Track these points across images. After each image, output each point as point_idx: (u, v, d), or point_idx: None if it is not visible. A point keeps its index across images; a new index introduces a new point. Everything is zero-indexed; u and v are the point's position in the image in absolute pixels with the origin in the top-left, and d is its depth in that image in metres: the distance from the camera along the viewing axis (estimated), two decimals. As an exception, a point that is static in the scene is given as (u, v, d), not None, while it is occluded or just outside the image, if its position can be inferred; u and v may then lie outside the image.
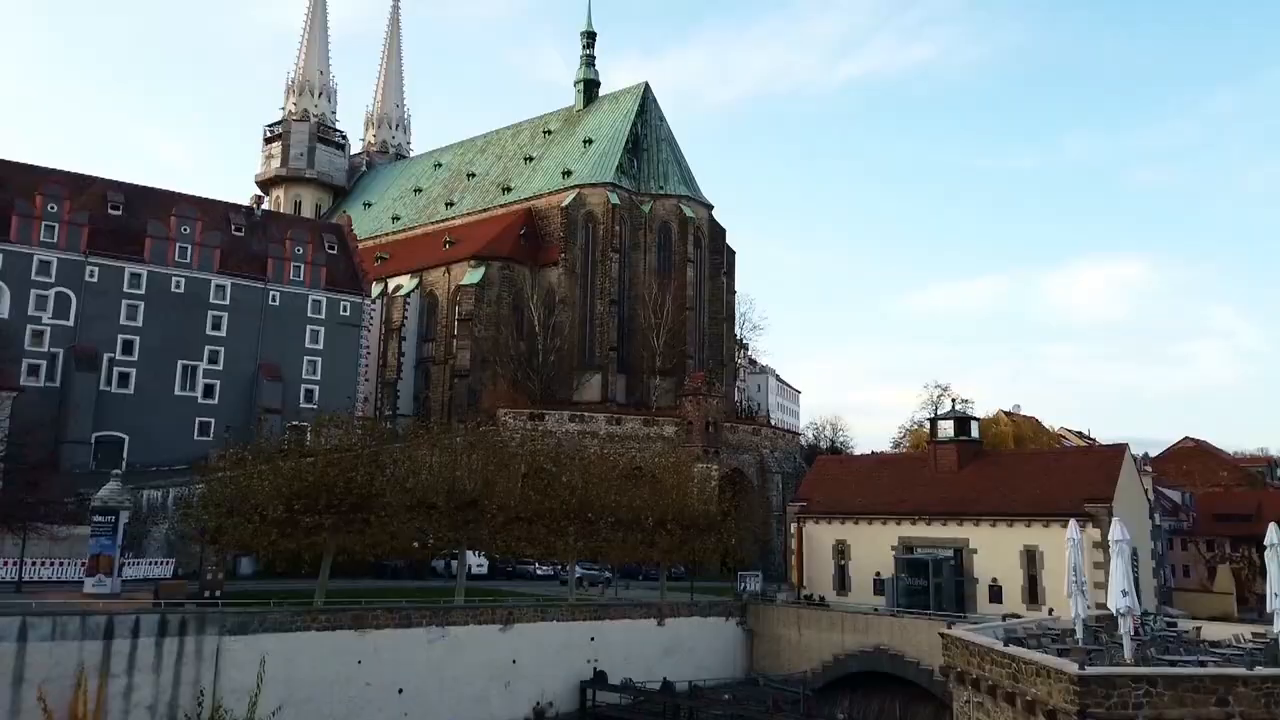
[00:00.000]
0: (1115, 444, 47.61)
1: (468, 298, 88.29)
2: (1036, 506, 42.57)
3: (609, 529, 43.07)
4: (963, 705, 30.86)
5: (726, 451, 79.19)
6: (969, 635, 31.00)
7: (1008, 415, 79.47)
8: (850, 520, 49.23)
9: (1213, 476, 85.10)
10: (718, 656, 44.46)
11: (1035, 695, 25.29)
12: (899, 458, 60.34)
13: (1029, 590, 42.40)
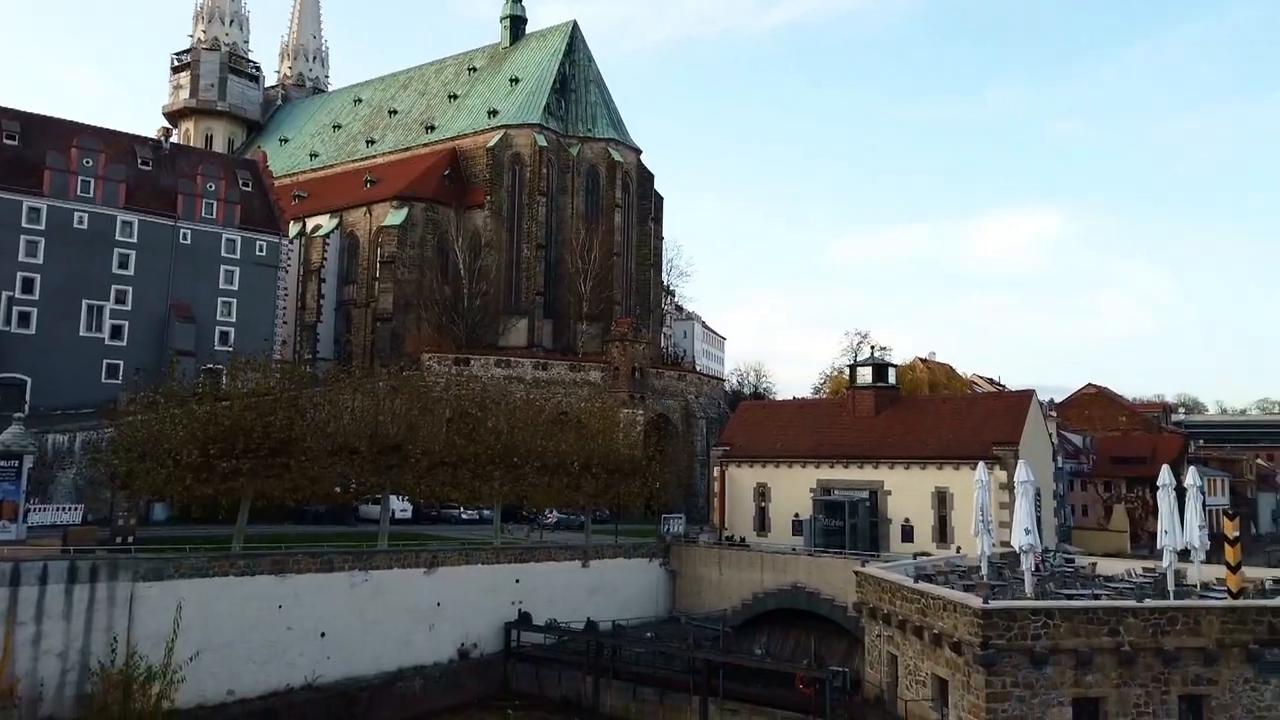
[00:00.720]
0: (1023, 390, 49.58)
1: (390, 239, 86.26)
2: (947, 450, 44.17)
3: (534, 473, 43.22)
4: (874, 639, 32.27)
5: (652, 397, 79.82)
6: (881, 573, 32.31)
7: (924, 362, 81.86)
8: (771, 464, 50.36)
9: (1112, 422, 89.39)
10: (641, 597, 45.35)
11: (942, 628, 26.56)
12: (819, 403, 61.71)
13: (939, 530, 44.16)
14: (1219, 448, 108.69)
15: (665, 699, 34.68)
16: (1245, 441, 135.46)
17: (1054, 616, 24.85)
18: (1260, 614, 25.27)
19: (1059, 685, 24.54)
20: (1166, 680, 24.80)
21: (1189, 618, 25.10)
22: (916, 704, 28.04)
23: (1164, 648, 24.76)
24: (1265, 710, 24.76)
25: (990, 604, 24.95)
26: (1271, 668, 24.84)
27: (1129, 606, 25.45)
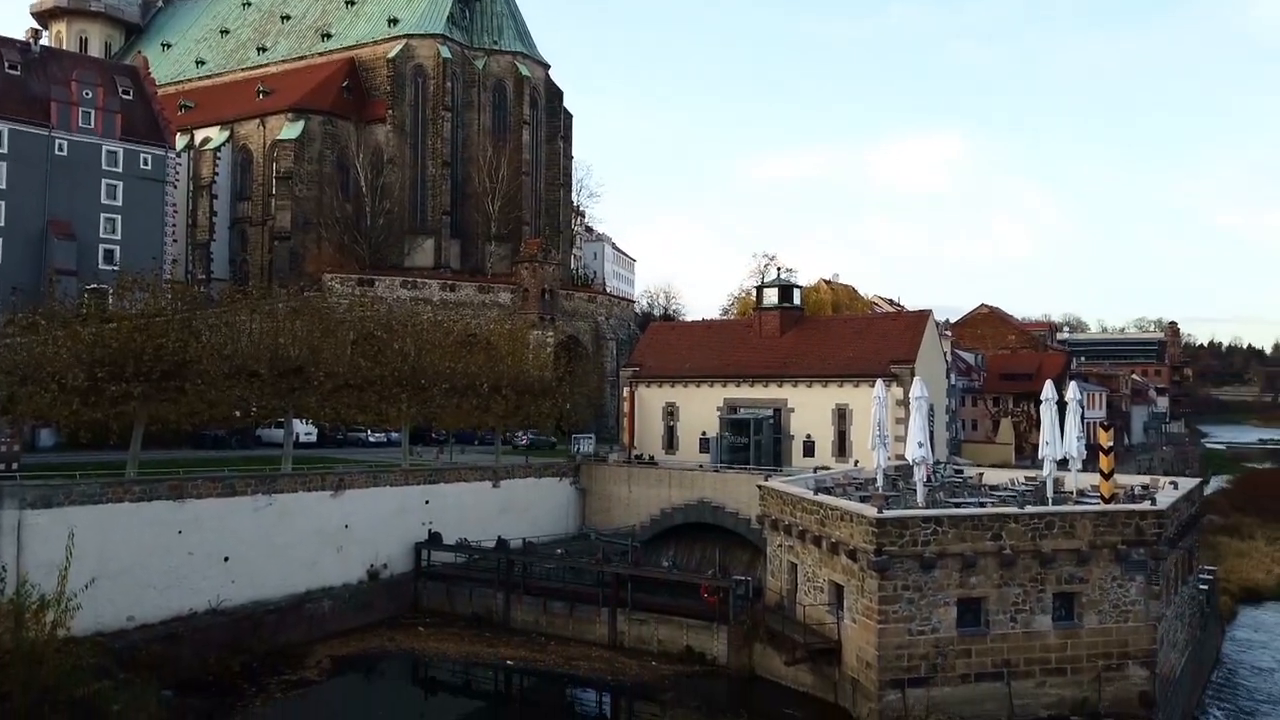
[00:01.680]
0: (920, 310, 51.22)
1: (286, 154, 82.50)
2: (848, 368, 45.56)
3: (443, 395, 42.88)
4: (775, 549, 33.58)
5: (562, 319, 79.60)
6: (783, 486, 33.46)
7: (828, 283, 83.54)
8: (680, 383, 51.11)
9: (1002, 340, 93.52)
10: (551, 515, 45.98)
11: (839, 537, 27.77)
12: (727, 324, 62.54)
13: (838, 445, 45.82)
14: (1098, 364, 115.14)
15: (575, 612, 35.55)
16: (1122, 358, 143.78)
17: (942, 524, 26.24)
18: (1129, 517, 27.20)
19: (945, 587, 26.09)
20: (1043, 579, 26.60)
21: (1065, 522, 26.85)
22: (814, 608, 29.45)
23: (1041, 550, 26.50)
24: (1130, 604, 26.89)
25: (884, 514, 26.17)
26: (1136, 566, 26.89)
27: (1011, 513, 27.03)
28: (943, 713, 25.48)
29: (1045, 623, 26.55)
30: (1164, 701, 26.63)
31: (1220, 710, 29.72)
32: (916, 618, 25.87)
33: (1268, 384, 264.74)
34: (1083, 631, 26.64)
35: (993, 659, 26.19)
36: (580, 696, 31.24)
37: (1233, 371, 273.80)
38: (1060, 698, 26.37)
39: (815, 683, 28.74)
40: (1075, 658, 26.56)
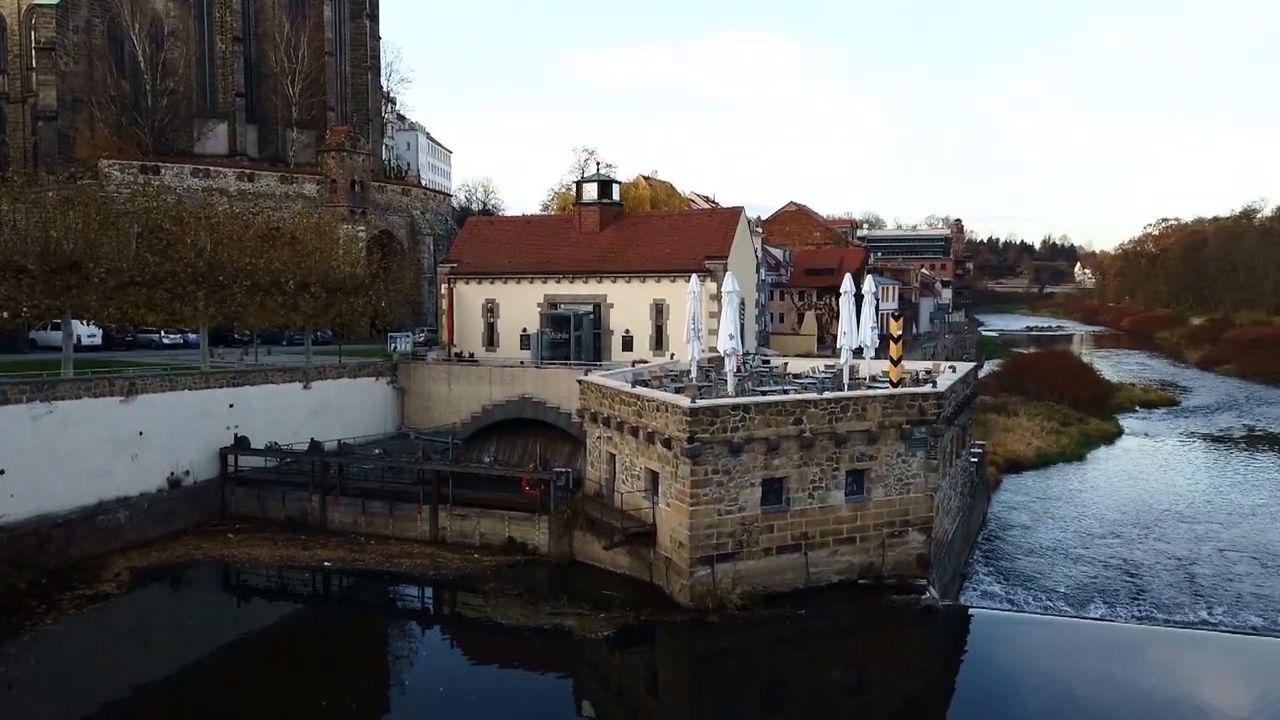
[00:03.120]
0: (733, 207, 52.63)
1: (46, 21, 72.83)
2: (665, 264, 46.51)
3: (245, 293, 40.43)
4: (595, 441, 34.51)
5: (374, 212, 76.18)
6: (602, 380, 34.20)
7: (646, 180, 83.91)
8: (500, 280, 50.51)
9: (809, 236, 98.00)
10: (368, 415, 44.98)
11: (655, 427, 28.85)
12: (546, 219, 61.90)
13: (656, 339, 47.08)
14: (893, 259, 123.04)
15: (395, 510, 35.38)
16: (914, 253, 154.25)
17: (750, 411, 27.81)
18: (912, 399, 29.80)
19: (752, 469, 27.86)
20: (838, 459, 28.90)
21: (858, 405, 29.10)
22: (631, 495, 30.73)
23: (837, 432, 28.69)
24: (911, 478, 29.73)
25: (697, 403, 27.38)
26: (918, 443, 29.65)
27: (811, 399, 28.96)
28: (747, 584, 27.57)
29: (839, 498, 28.98)
30: (938, 562, 29.91)
31: (985, 565, 33.73)
32: (725, 499, 27.56)
33: (1035, 277, 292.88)
34: (871, 504, 29.31)
35: (792, 533, 28.42)
36: (403, 592, 31.43)
37: (1007, 265, 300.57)
38: (850, 564, 29.11)
39: (632, 564, 30.23)
40: (864, 528, 29.26)
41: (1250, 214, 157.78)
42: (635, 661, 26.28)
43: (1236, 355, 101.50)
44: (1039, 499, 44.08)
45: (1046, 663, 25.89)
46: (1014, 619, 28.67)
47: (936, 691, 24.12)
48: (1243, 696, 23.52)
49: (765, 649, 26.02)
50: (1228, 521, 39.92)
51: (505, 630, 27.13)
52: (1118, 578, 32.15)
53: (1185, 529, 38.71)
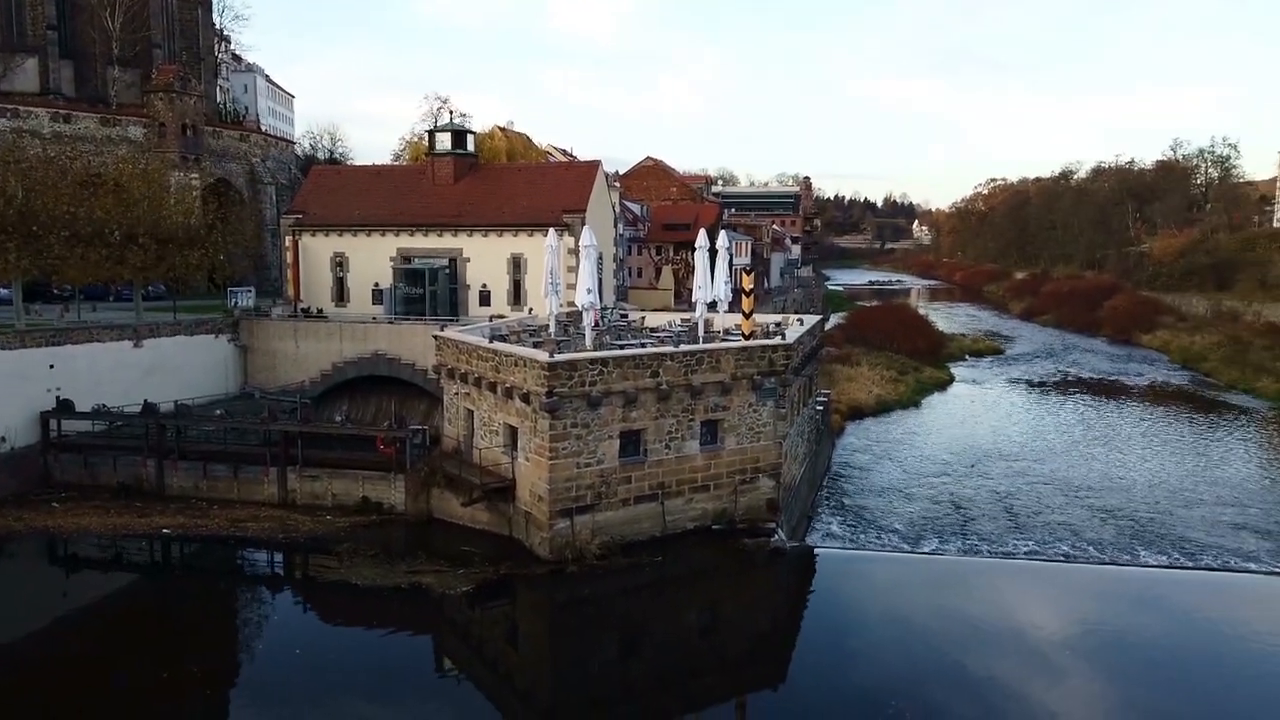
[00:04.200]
0: (590, 161, 52.44)
1: None
2: (522, 217, 45.95)
3: (63, 245, 37.31)
4: (452, 397, 34.08)
5: (210, 159, 71.48)
6: (458, 336, 33.70)
7: (502, 131, 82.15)
8: (349, 233, 48.61)
9: (665, 191, 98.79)
10: (208, 375, 42.66)
11: (514, 382, 28.76)
12: (398, 170, 59.80)
13: (514, 293, 46.64)
14: (746, 215, 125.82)
15: (240, 474, 33.90)
16: (765, 209, 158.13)
17: (608, 364, 28.10)
18: (763, 351, 30.87)
19: (610, 422, 28.24)
20: (693, 410, 29.67)
21: (712, 358, 29.90)
22: (490, 451, 30.60)
23: (692, 384, 29.42)
24: (762, 427, 30.90)
25: (555, 358, 27.43)
26: (768, 393, 30.80)
27: (668, 352, 29.54)
28: (606, 534, 28.10)
29: (694, 447, 29.82)
30: (786, 506, 31.35)
31: (829, 507, 35.60)
32: (584, 452, 27.86)
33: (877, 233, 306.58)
34: (724, 453, 30.33)
35: (649, 483, 29.10)
36: (251, 557, 30.31)
37: (852, 222, 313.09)
38: (704, 511, 30.11)
39: (491, 520, 30.22)
40: (717, 476, 30.28)
41: (1067, 175, 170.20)
42: (495, 615, 26.43)
43: (1053, 307, 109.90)
44: (879, 443, 46.73)
45: (885, 596, 27.74)
46: (856, 557, 30.50)
47: (785, 628, 25.46)
48: (1056, 619, 25.98)
49: (623, 596, 26.69)
50: (1043, 459, 43.58)
51: (362, 591, 26.67)
52: (948, 514, 34.64)
53: (1006, 466, 42.02)
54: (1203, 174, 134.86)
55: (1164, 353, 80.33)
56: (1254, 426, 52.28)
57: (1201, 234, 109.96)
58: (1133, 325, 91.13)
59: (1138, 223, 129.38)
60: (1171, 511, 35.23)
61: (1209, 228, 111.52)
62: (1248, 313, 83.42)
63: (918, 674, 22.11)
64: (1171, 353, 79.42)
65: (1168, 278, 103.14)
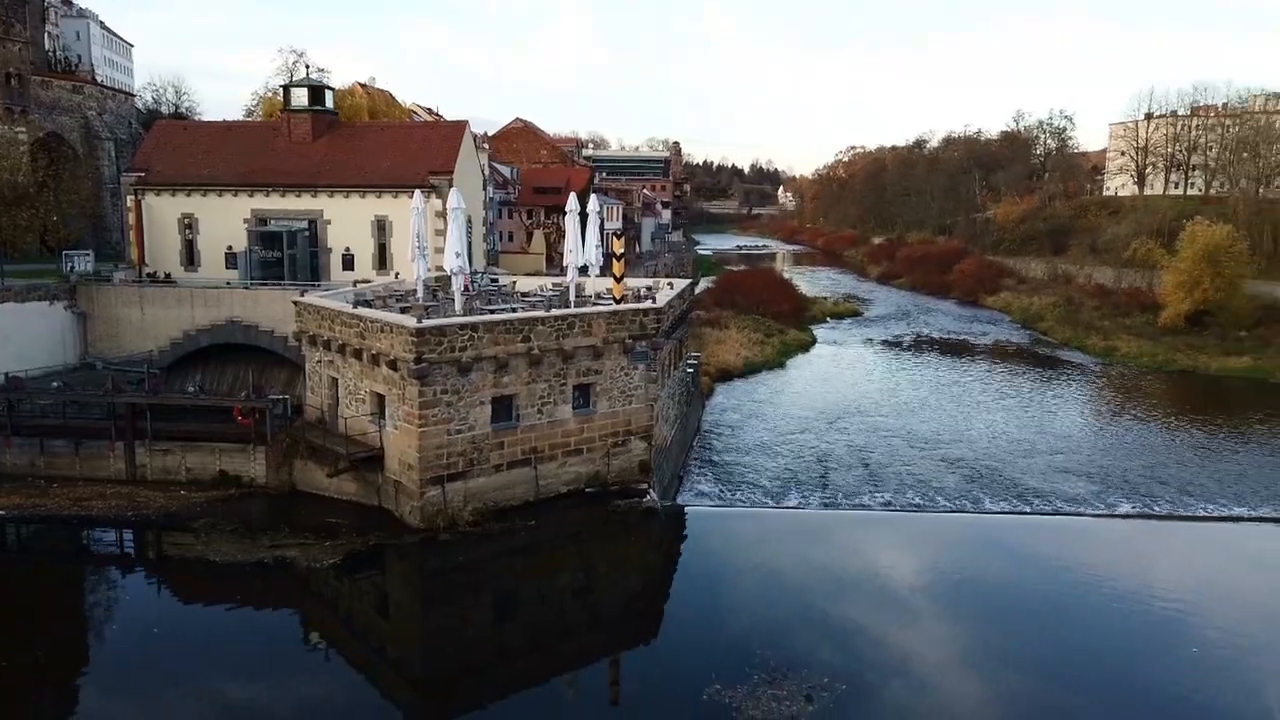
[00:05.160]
0: (457, 121, 51.15)
1: None
2: (387, 178, 44.47)
3: None
4: (315, 365, 32.95)
5: (39, 112, 65.80)
6: (320, 301, 32.54)
7: (363, 88, 78.93)
8: (198, 192, 45.85)
9: (535, 154, 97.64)
10: (43, 345, 39.57)
11: (380, 349, 28.07)
12: (251, 126, 56.58)
13: (379, 257, 45.22)
14: (617, 179, 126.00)
15: (82, 449, 31.85)
16: (636, 174, 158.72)
17: (478, 330, 27.78)
18: (634, 315, 31.17)
19: (481, 388, 27.99)
20: (565, 374, 29.75)
21: (584, 322, 29.99)
22: (356, 420, 29.81)
23: (564, 348, 29.45)
24: (633, 390, 31.29)
25: (423, 323, 26.89)
26: (640, 356, 31.17)
27: (539, 316, 29.44)
28: (479, 500, 27.97)
29: (566, 412, 29.94)
30: (658, 467, 31.96)
31: (699, 467, 36.50)
32: (455, 419, 27.55)
33: (745, 199, 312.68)
34: (596, 416, 30.58)
35: (522, 448, 29.08)
36: (98, 537, 28.63)
37: (720, 188, 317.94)
38: (578, 474, 30.36)
39: (359, 490, 29.55)
40: (590, 439, 30.53)
41: (921, 144, 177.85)
42: (364, 586, 25.96)
43: (908, 271, 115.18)
44: (746, 404, 48.12)
45: (753, 550, 28.79)
46: (725, 513, 31.47)
47: (657, 585, 26.09)
48: (909, 565, 27.62)
49: (496, 561, 26.70)
50: (897, 414, 45.94)
51: (222, 567, 25.65)
52: (811, 470, 36.12)
53: (863, 422, 44.10)
54: (1042, 144, 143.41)
55: (1006, 313, 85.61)
56: (1083, 381, 56.62)
57: (1040, 201, 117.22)
58: (979, 288, 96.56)
59: (984, 190, 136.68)
60: (1011, 461, 37.86)
61: (1047, 195, 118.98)
62: (1080, 275, 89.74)
63: (783, 622, 23.13)
64: (1013, 313, 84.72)
65: (1010, 243, 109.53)
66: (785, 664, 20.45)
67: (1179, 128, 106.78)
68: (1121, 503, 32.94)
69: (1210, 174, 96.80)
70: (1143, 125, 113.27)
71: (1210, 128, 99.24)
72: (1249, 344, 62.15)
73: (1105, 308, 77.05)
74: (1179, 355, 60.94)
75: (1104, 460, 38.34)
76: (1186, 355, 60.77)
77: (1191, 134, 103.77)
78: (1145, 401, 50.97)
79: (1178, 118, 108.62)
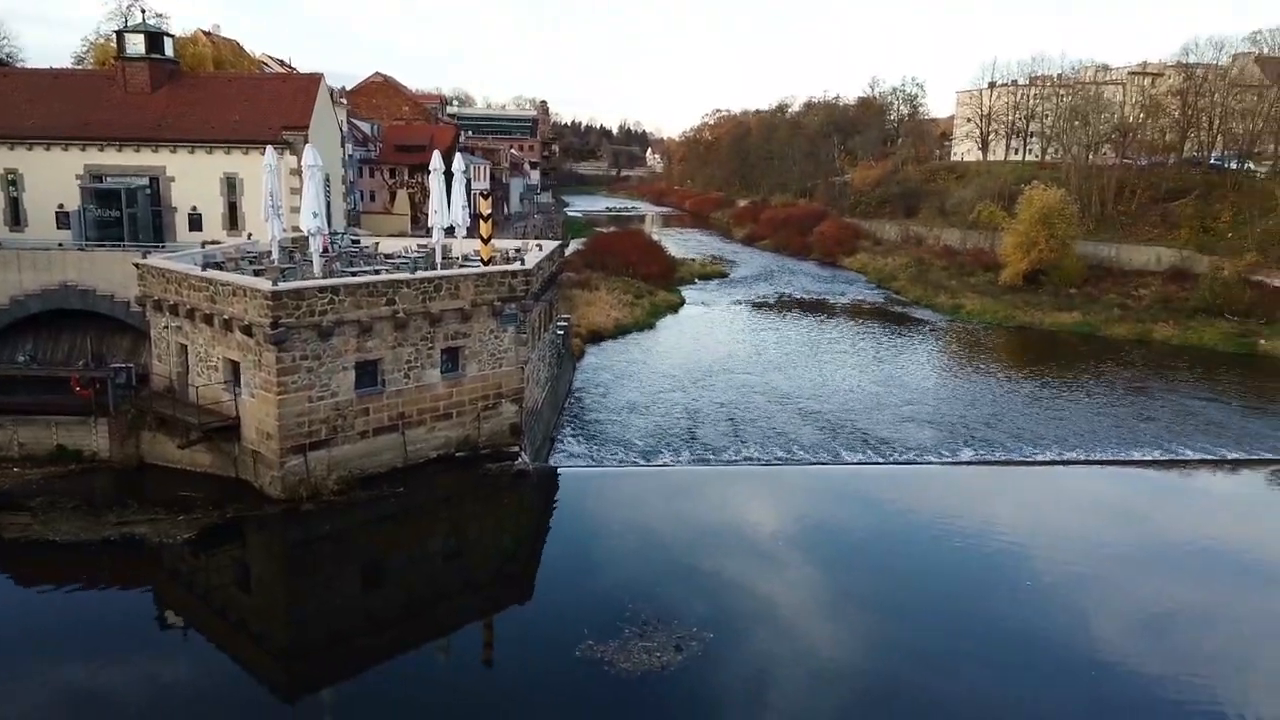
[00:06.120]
0: (312, 74, 48.77)
1: None
2: (236, 133, 42.07)
3: None
4: (161, 331, 31.20)
5: None
6: (166, 264, 30.73)
7: (207, 36, 74.04)
8: (22, 146, 42.09)
9: (397, 111, 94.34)
10: None
11: (233, 313, 26.82)
12: (82, 75, 52.16)
13: (229, 217, 42.88)
14: (483, 138, 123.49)
15: (-104, 427, 29.15)
16: (503, 133, 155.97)
17: (339, 293, 26.87)
18: (503, 277, 30.83)
19: (344, 353, 27.16)
20: (433, 338, 29.20)
21: (451, 284, 29.45)
22: (209, 388, 28.44)
23: (431, 311, 28.89)
24: (503, 353, 31.04)
25: (280, 286, 25.80)
26: (509, 319, 30.91)
27: (404, 279, 28.72)
28: (344, 468, 27.28)
29: (434, 376, 29.46)
30: (529, 429, 31.94)
31: (571, 428, 36.71)
32: (316, 385, 26.67)
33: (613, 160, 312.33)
34: (466, 380, 30.23)
35: (389, 414, 28.47)
36: (-83, 522, 26.36)
37: (589, 149, 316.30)
38: (448, 439, 30.00)
39: (214, 461, 28.30)
40: (460, 403, 30.19)
41: (783, 108, 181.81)
42: (223, 561, 24.99)
43: (771, 233, 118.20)
44: (617, 365, 48.58)
45: (624, 508, 29.30)
46: (597, 473, 31.85)
47: (530, 547, 26.23)
48: (774, 516, 28.76)
49: (364, 529, 26.19)
50: (761, 372, 47.43)
51: (63, 548, 24.13)
52: (680, 428, 36.93)
53: (729, 380, 45.33)
54: (895, 111, 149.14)
55: (863, 274, 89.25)
56: (932, 337, 59.89)
57: (894, 166, 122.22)
58: (838, 249, 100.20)
59: (842, 154, 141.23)
60: (866, 414, 39.81)
61: (900, 160, 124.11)
62: (929, 237, 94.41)
63: (654, 577, 23.75)
64: (869, 274, 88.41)
65: (866, 206, 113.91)
66: (656, 617, 21.04)
67: (1019, 96, 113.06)
68: (964, 450, 35.24)
69: (1046, 141, 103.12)
70: (986, 93, 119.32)
71: (1046, 97, 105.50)
72: (1078, 300, 67.15)
73: (952, 267, 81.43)
74: (1017, 312, 65.21)
75: (949, 411, 40.82)
76: (1024, 312, 65.09)
77: (1030, 102, 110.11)
78: (986, 355, 54.44)
79: (1018, 87, 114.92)
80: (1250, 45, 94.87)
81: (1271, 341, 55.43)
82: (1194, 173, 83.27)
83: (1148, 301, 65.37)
